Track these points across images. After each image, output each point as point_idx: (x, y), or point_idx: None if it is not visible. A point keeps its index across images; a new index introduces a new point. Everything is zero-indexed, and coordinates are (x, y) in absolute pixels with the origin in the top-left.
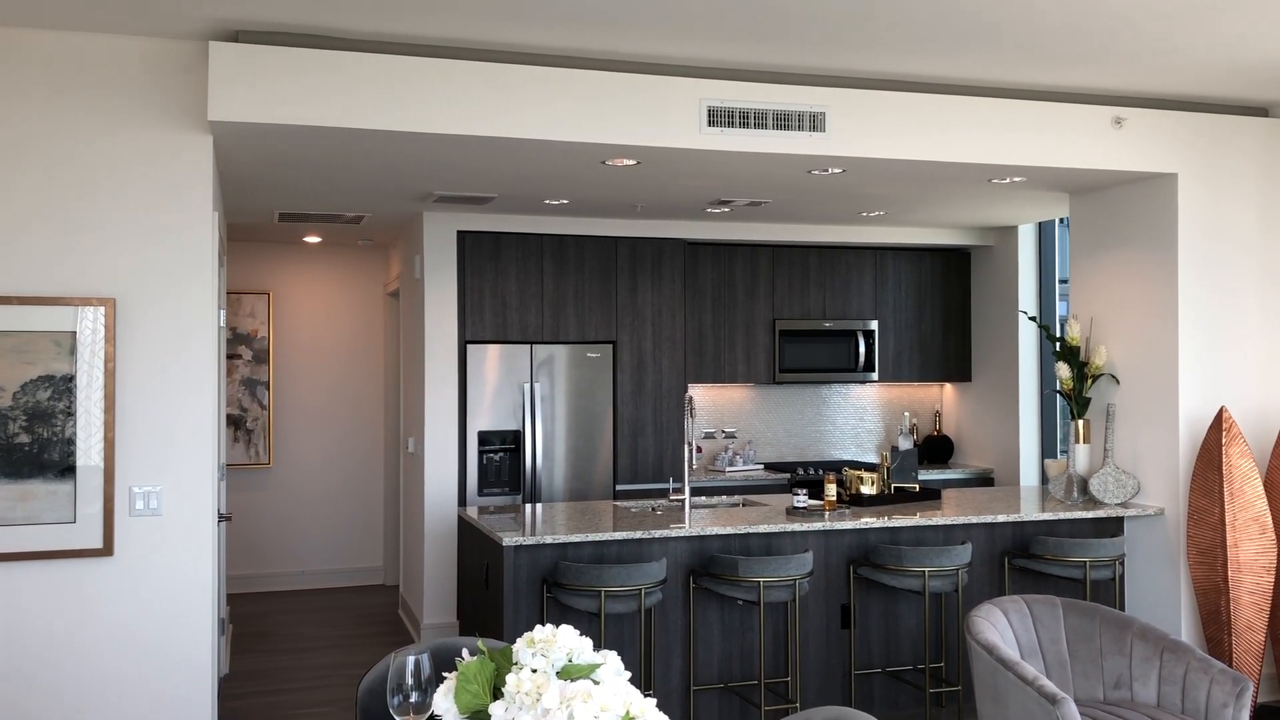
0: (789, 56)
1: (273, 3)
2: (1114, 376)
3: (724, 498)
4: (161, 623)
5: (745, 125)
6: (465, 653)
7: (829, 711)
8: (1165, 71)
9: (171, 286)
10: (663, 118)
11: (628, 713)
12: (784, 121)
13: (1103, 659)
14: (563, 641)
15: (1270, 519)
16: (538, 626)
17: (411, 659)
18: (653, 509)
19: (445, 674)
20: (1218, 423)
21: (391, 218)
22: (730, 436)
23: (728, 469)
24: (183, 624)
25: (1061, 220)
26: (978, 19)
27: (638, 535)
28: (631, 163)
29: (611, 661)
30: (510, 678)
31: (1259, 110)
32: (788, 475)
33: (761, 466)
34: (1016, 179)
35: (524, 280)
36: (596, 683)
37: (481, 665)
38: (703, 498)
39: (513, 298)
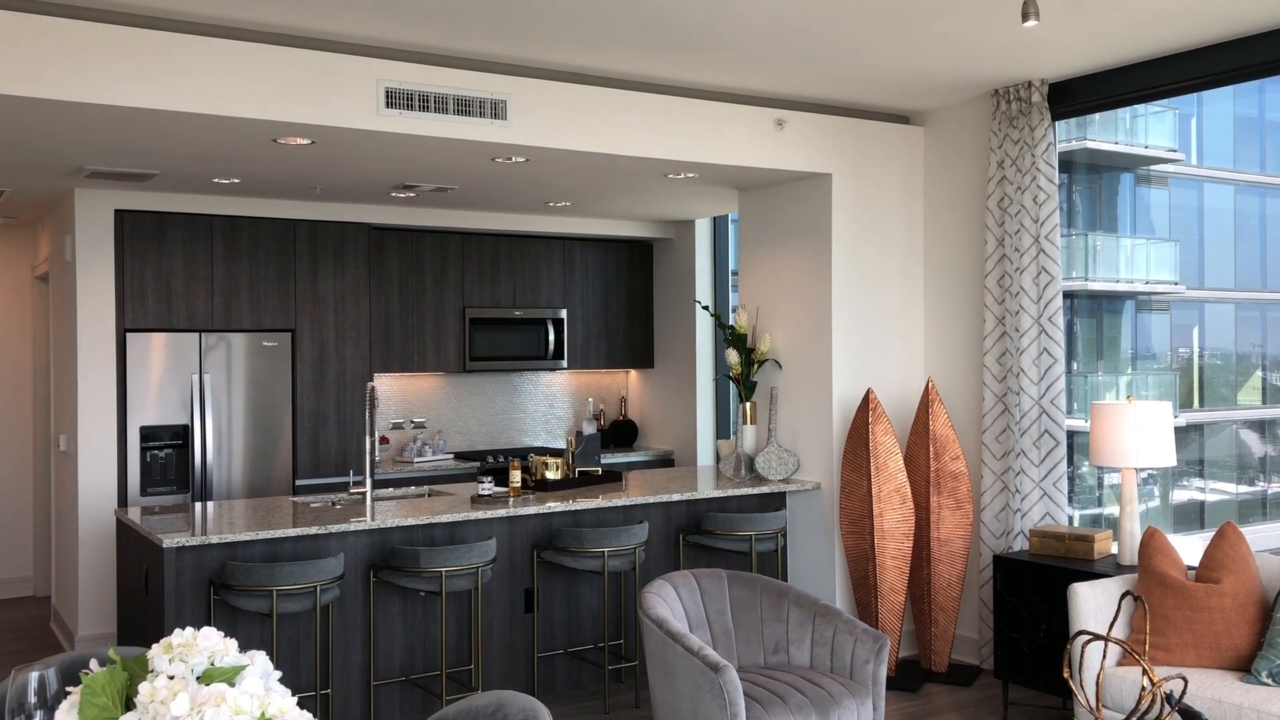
0: (471, 42)
1: None
2: (777, 362)
3: (412, 488)
4: None
5: (425, 109)
6: (94, 664)
7: (490, 696)
8: (822, 78)
9: None
10: (338, 97)
11: (264, 714)
12: (465, 107)
13: (763, 626)
14: (204, 644)
15: (909, 490)
16: (176, 630)
17: (35, 675)
18: (333, 503)
19: (73, 689)
20: (865, 404)
21: (37, 194)
22: (419, 426)
23: (416, 459)
24: None
25: (733, 216)
26: (652, 17)
27: (313, 531)
28: (306, 142)
29: (259, 663)
30: (144, 687)
31: (902, 118)
32: (478, 464)
33: (452, 456)
34: (689, 175)
35: (191, 264)
36: (234, 685)
37: (111, 676)
38: (389, 489)
39: (179, 283)
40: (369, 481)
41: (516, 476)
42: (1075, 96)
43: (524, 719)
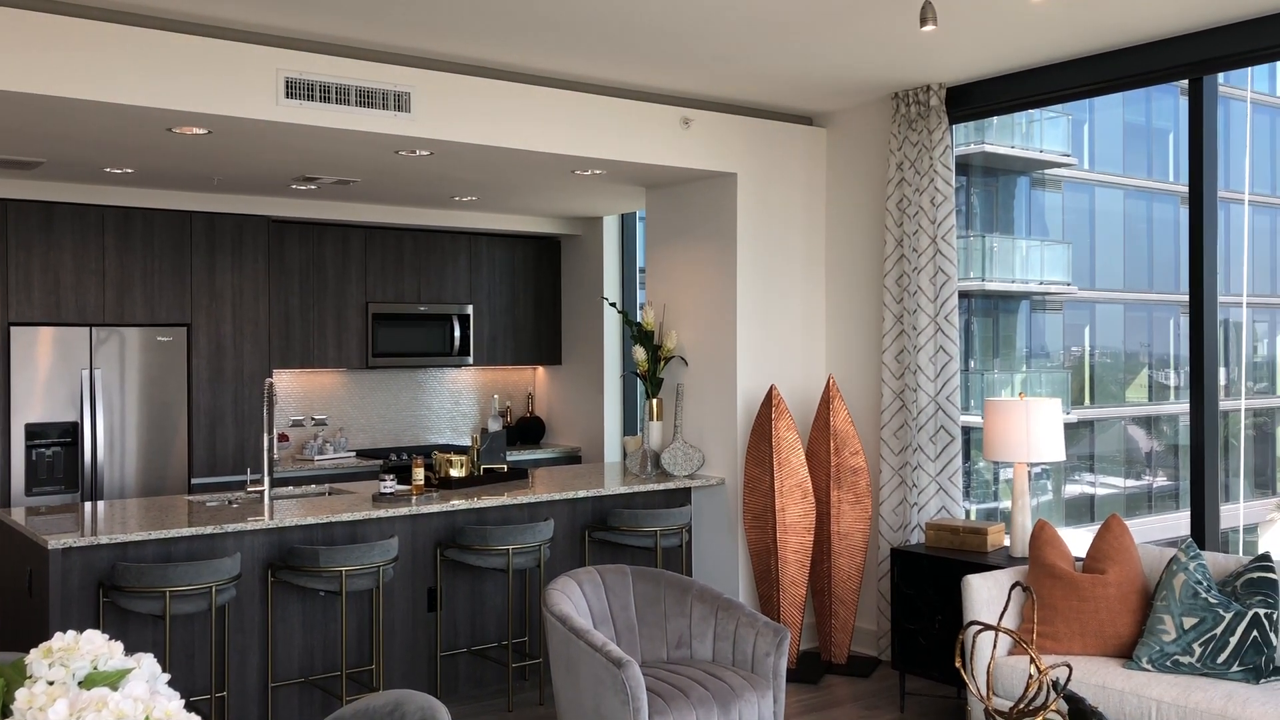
0: (374, 33)
1: None
2: (683, 359)
3: (312, 487)
4: None
5: (327, 100)
6: None
7: (388, 695)
8: (729, 78)
9: None
10: (236, 86)
11: (148, 717)
12: (368, 99)
13: (667, 621)
14: (86, 648)
15: (810, 485)
16: (57, 634)
17: None
18: (229, 502)
19: None
20: (768, 400)
21: None
22: (320, 424)
23: (317, 458)
24: None
25: (641, 213)
26: (558, 12)
27: (209, 530)
28: (202, 132)
29: (145, 666)
30: (20, 693)
31: (805, 119)
32: (381, 462)
33: (354, 454)
34: (597, 171)
35: (81, 256)
36: (118, 690)
37: None
38: (289, 488)
39: (68, 275)
40: (267, 480)
41: (420, 474)
42: (972, 100)
43: (422, 718)
